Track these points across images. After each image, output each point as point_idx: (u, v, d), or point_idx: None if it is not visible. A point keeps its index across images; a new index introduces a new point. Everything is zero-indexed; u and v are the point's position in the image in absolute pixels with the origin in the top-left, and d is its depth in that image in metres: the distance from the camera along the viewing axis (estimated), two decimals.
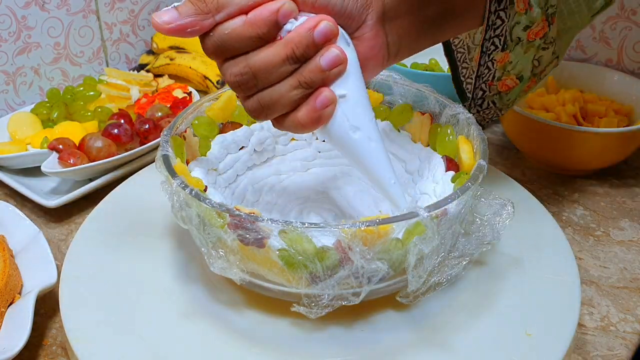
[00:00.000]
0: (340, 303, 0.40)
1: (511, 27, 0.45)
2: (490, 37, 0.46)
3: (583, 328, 0.49)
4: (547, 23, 0.46)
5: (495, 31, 0.46)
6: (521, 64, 0.48)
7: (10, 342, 0.43)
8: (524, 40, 0.46)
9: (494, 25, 0.45)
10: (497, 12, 0.45)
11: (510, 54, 0.47)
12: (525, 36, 0.46)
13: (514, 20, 0.45)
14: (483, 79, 0.50)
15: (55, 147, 0.63)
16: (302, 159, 0.58)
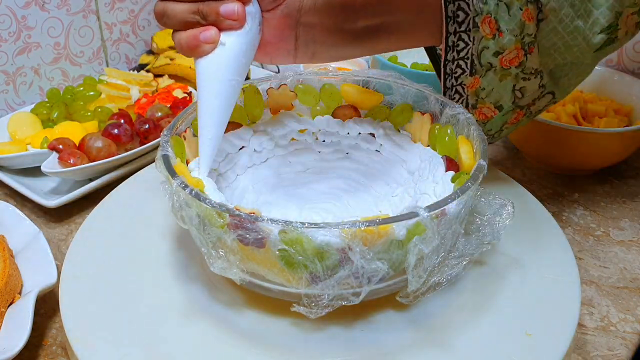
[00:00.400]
0: (340, 303, 0.40)
1: (478, 50, 0.45)
2: (454, 59, 0.46)
3: (583, 328, 0.49)
4: (523, 52, 0.45)
5: (460, 53, 0.46)
6: (497, 92, 0.47)
7: (10, 342, 0.43)
8: (497, 66, 0.46)
9: (455, 46, 0.45)
10: (457, 33, 0.45)
11: (481, 80, 0.47)
12: (498, 62, 0.45)
13: (481, 44, 0.45)
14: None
15: (55, 147, 0.63)
16: (302, 159, 0.58)
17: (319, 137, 0.58)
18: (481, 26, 0.44)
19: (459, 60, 0.46)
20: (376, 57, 0.76)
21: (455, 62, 0.46)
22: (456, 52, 0.46)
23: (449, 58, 0.46)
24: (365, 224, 0.37)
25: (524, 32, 0.45)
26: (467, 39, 0.45)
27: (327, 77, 0.57)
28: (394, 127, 0.56)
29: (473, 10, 0.44)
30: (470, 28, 0.44)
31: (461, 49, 0.45)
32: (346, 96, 0.57)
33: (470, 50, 0.45)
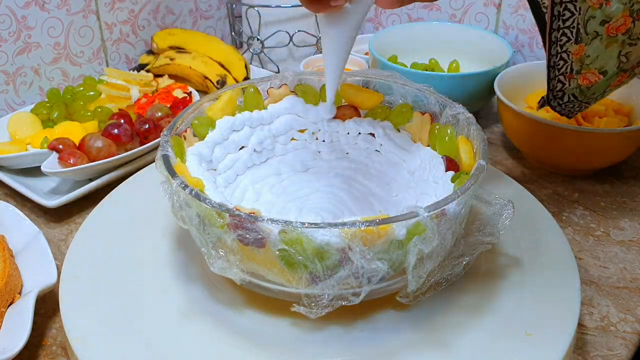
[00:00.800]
0: (340, 303, 0.40)
1: (585, 20, 0.46)
2: (559, 28, 0.47)
3: (583, 328, 0.49)
4: (631, 19, 0.46)
5: (565, 22, 0.47)
6: (603, 58, 0.48)
7: (10, 342, 0.43)
8: (602, 34, 0.47)
9: (561, 16, 0.46)
10: (563, 3, 0.45)
11: (585, 47, 0.48)
12: (604, 31, 0.46)
13: (588, 14, 0.46)
14: (560, 71, 0.51)
15: (55, 147, 0.63)
16: (302, 159, 0.58)
17: (319, 137, 0.58)
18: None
19: (564, 29, 0.47)
20: (376, 57, 0.76)
21: (560, 31, 0.48)
22: (562, 21, 0.47)
23: (554, 27, 0.47)
24: (365, 224, 0.37)
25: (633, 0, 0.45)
26: (573, 9, 0.46)
27: None
28: (394, 127, 0.56)
29: None
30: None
31: (567, 18, 0.46)
32: (346, 96, 0.57)
33: (576, 19, 0.46)
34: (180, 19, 0.96)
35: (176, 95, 0.78)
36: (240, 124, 0.55)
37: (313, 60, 0.87)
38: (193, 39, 0.89)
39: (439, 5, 0.93)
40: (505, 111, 0.68)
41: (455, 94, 0.56)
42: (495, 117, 0.80)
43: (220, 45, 0.88)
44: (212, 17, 1.01)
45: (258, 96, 0.56)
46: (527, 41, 0.88)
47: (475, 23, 0.91)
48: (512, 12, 0.87)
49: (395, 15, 0.98)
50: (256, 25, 0.91)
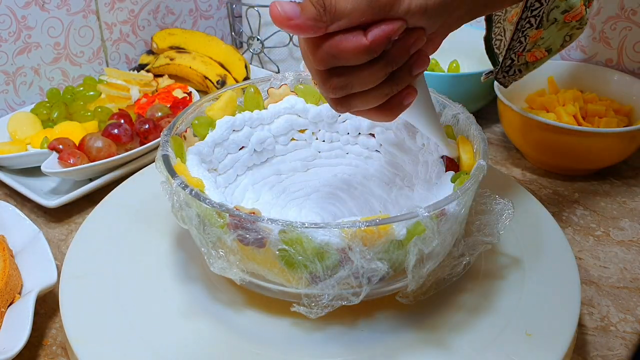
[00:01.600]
0: (340, 303, 0.40)
1: (549, 9, 0.49)
2: (527, 17, 0.50)
3: (583, 328, 0.49)
4: (584, 7, 0.50)
5: (533, 12, 0.50)
6: (552, 38, 0.52)
7: (10, 342, 0.43)
8: (560, 21, 0.50)
9: (532, 7, 0.49)
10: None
11: (543, 32, 0.51)
12: (562, 18, 0.50)
13: (553, 4, 0.49)
14: (514, 50, 0.54)
15: (55, 147, 0.63)
16: (302, 159, 0.58)
17: (319, 137, 0.58)
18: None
19: (530, 18, 0.51)
20: None
21: (527, 20, 0.51)
22: (530, 11, 0.50)
23: (524, 17, 0.50)
24: (365, 224, 0.37)
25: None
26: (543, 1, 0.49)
27: None
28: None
29: None
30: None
31: (535, 9, 0.50)
32: None
33: (542, 9, 0.50)
34: (180, 19, 0.96)
35: (176, 95, 0.78)
36: (240, 124, 0.55)
37: None
38: (193, 39, 0.89)
39: None
40: (505, 111, 0.68)
41: (455, 94, 0.56)
42: (495, 117, 0.80)
43: (220, 45, 0.88)
44: (212, 17, 1.01)
45: (258, 96, 0.56)
46: None
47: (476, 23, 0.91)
48: None
49: None
50: (256, 25, 0.91)
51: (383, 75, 0.38)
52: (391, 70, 0.38)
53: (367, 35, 0.36)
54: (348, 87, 0.38)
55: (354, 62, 0.37)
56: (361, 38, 0.36)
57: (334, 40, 0.36)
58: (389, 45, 0.37)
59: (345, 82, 0.38)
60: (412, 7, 0.36)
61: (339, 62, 0.37)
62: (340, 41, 0.36)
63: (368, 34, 0.36)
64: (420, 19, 0.37)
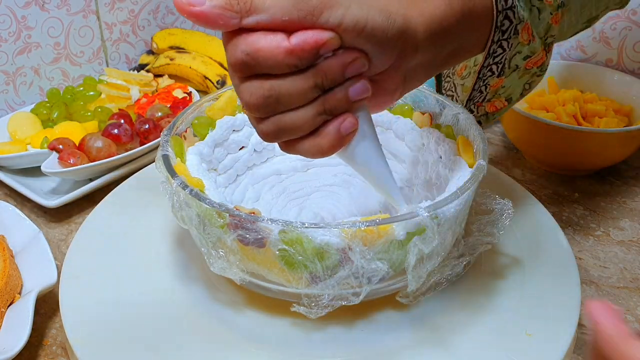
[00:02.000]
0: (340, 303, 0.40)
1: (511, 55, 0.45)
2: (489, 65, 0.46)
3: (583, 328, 0.49)
4: (545, 52, 0.46)
5: (495, 59, 0.45)
6: (512, 87, 0.48)
7: (10, 342, 0.43)
8: (521, 67, 0.46)
9: (494, 53, 0.45)
10: (499, 41, 0.44)
11: (504, 80, 0.47)
12: (523, 64, 0.46)
13: (515, 49, 0.45)
14: (474, 102, 0.50)
15: (55, 147, 0.63)
16: (302, 159, 0.58)
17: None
18: (521, 33, 0.44)
19: (492, 65, 0.46)
20: None
21: (488, 67, 0.46)
22: (492, 58, 0.45)
23: (485, 64, 0.46)
24: (365, 224, 0.37)
25: (547, 34, 0.45)
26: (506, 45, 0.44)
27: None
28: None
29: (517, 18, 0.43)
30: (511, 35, 0.44)
31: (497, 55, 0.45)
32: None
33: (504, 55, 0.45)
34: (180, 19, 0.96)
35: (176, 95, 0.78)
36: (240, 124, 0.55)
37: None
38: (193, 39, 0.89)
39: None
40: None
41: None
42: None
43: (220, 45, 0.88)
44: None
45: None
46: None
47: None
48: None
49: None
50: None
51: (312, 90, 0.34)
52: (321, 86, 0.35)
53: (291, 38, 0.33)
54: (271, 98, 0.34)
55: (276, 69, 0.33)
56: (283, 40, 0.33)
57: (251, 37, 0.33)
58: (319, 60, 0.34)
59: (267, 92, 0.34)
60: (346, 20, 0.33)
61: (258, 67, 0.33)
62: (259, 39, 0.32)
63: (292, 37, 0.33)
64: (357, 38, 0.34)
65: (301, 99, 0.35)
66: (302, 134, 0.36)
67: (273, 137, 0.36)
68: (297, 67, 0.34)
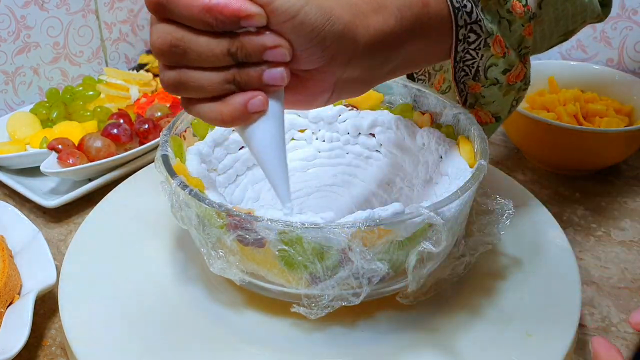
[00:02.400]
0: (341, 303, 0.40)
1: (486, 65, 0.45)
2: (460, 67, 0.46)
3: (584, 328, 0.48)
4: (522, 64, 0.46)
5: (465, 62, 0.45)
6: (499, 105, 0.48)
7: (9, 342, 0.43)
8: (503, 83, 0.45)
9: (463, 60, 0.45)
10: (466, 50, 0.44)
11: (482, 88, 0.47)
12: (505, 79, 0.45)
13: (490, 61, 0.44)
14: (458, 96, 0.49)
15: (54, 147, 0.63)
16: (302, 159, 0.58)
17: (319, 137, 0.58)
18: (492, 46, 0.44)
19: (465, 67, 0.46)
20: None
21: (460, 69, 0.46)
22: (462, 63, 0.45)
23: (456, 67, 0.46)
24: (365, 224, 0.37)
25: (521, 46, 0.45)
26: (475, 54, 0.44)
27: None
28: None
29: (485, 32, 0.43)
30: (481, 47, 0.44)
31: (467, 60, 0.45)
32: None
33: (477, 62, 0.45)
34: None
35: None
36: None
37: None
38: None
39: None
40: None
41: None
42: None
43: None
44: None
45: None
46: None
47: None
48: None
49: None
50: None
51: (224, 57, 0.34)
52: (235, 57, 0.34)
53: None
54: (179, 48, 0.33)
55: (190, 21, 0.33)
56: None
57: None
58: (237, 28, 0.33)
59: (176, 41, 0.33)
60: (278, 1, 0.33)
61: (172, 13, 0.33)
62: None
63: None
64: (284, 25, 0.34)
65: (211, 60, 0.34)
66: (205, 95, 0.35)
67: (173, 89, 0.35)
68: (212, 28, 0.33)
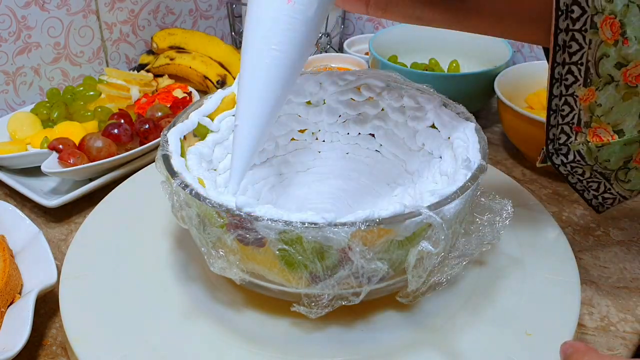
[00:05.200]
0: (340, 303, 0.40)
1: (596, 57, 0.37)
2: (565, 62, 0.38)
3: (583, 328, 0.49)
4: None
5: (572, 57, 0.38)
6: (618, 112, 0.38)
7: (10, 342, 0.43)
8: (619, 81, 0.37)
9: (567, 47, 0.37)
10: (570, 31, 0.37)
11: (597, 93, 0.38)
12: (621, 76, 0.37)
13: (600, 50, 0.37)
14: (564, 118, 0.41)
15: (55, 147, 0.63)
16: (302, 159, 0.58)
17: (319, 137, 0.58)
18: (601, 28, 0.36)
19: (571, 65, 0.38)
20: (376, 57, 0.76)
21: (565, 67, 0.39)
22: (567, 54, 0.38)
23: (559, 60, 0.39)
24: (365, 224, 0.37)
25: None
26: (582, 41, 0.37)
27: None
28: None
29: (592, 7, 0.36)
30: (586, 28, 0.36)
31: (574, 52, 0.37)
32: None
33: (585, 54, 0.37)
34: (180, 19, 0.96)
35: (176, 95, 0.78)
36: None
37: (313, 60, 0.87)
38: (193, 39, 0.89)
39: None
40: (505, 111, 0.68)
41: (455, 94, 0.56)
42: (495, 117, 0.80)
43: (220, 45, 0.88)
44: (212, 17, 1.01)
45: None
46: None
47: None
48: None
49: None
50: None
51: None
52: None
53: None
54: None
55: None
56: None
57: None
58: None
59: None
60: None
61: None
62: None
63: None
64: None
65: None
66: None
67: None
68: None
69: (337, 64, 0.87)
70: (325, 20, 0.33)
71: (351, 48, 0.92)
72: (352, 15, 1.03)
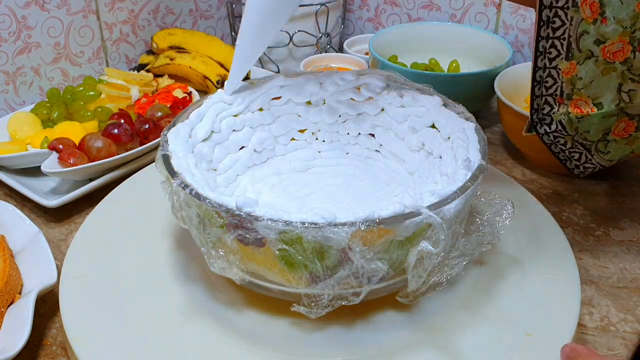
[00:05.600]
0: (340, 303, 0.40)
1: (577, 33, 0.40)
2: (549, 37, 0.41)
3: (583, 328, 0.49)
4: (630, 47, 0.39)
5: (555, 32, 0.40)
6: (598, 86, 0.41)
7: (10, 342, 0.43)
8: (598, 56, 0.40)
9: (550, 22, 0.40)
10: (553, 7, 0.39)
11: (578, 67, 0.41)
12: (600, 52, 0.40)
13: (580, 27, 0.39)
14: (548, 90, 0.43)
15: (55, 147, 0.63)
16: (302, 159, 0.58)
17: (319, 137, 0.58)
18: (581, 7, 0.39)
19: (554, 40, 0.41)
20: (376, 57, 0.76)
21: (549, 41, 0.41)
22: (551, 29, 0.40)
23: (543, 34, 0.41)
24: (365, 224, 0.37)
25: (635, 26, 0.39)
26: (565, 17, 0.39)
27: None
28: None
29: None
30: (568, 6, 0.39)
31: (557, 27, 0.40)
32: None
33: (567, 30, 0.40)
34: (180, 19, 0.96)
35: (176, 95, 0.78)
36: (240, 124, 0.55)
37: (313, 60, 0.87)
38: (193, 39, 0.89)
39: (438, 5, 0.93)
40: (505, 111, 0.68)
41: (455, 94, 0.56)
42: (495, 117, 0.80)
43: (220, 45, 0.88)
44: (212, 17, 1.01)
45: None
46: (527, 41, 0.88)
47: (475, 23, 0.91)
48: (512, 12, 0.87)
49: (395, 15, 0.98)
50: None
51: None
52: None
53: None
54: None
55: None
56: None
57: None
58: None
59: None
60: None
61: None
62: None
63: None
64: None
65: None
66: None
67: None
68: None
69: (337, 64, 0.87)
70: None
71: (351, 48, 0.92)
72: (352, 15, 1.03)
